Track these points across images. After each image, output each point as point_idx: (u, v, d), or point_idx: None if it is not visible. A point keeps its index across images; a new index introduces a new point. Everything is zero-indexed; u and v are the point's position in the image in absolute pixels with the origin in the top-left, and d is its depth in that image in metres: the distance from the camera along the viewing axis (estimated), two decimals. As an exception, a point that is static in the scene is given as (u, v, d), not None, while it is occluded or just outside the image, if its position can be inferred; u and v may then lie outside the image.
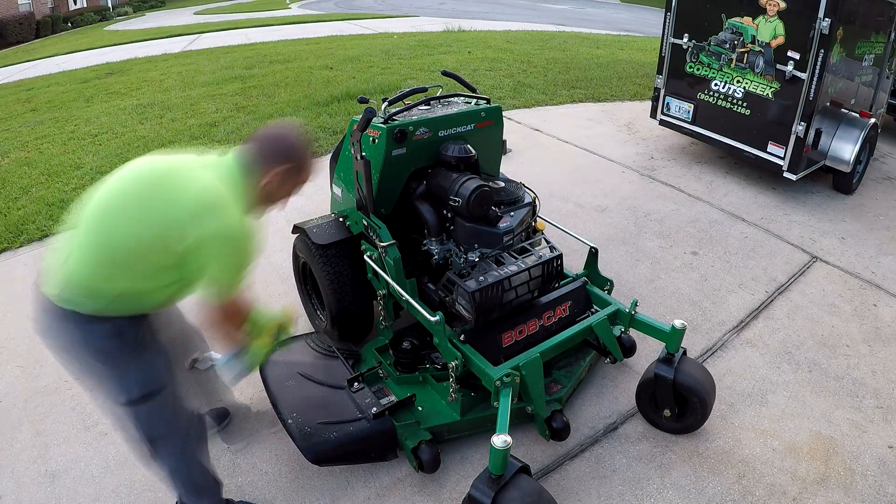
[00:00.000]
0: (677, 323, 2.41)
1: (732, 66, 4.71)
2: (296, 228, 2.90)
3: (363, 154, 2.57)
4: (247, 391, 2.79)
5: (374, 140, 2.55)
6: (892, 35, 5.01)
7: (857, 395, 2.82)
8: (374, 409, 2.31)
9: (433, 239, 2.59)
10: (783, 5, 4.26)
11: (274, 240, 4.06)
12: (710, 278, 3.70)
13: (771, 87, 4.51)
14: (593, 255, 2.83)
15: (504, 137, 2.99)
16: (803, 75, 4.26)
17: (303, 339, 2.89)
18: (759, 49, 4.49)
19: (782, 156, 4.56)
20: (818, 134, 4.47)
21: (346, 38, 12.70)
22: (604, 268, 2.97)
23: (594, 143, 5.76)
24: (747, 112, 4.72)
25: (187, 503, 2.04)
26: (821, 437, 2.58)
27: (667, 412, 2.52)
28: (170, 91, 8.33)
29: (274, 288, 3.54)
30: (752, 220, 4.44)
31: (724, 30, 4.69)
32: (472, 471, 2.37)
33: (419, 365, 2.59)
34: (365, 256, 2.65)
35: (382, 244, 2.50)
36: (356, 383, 2.48)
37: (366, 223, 2.67)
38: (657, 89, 5.41)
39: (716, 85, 4.90)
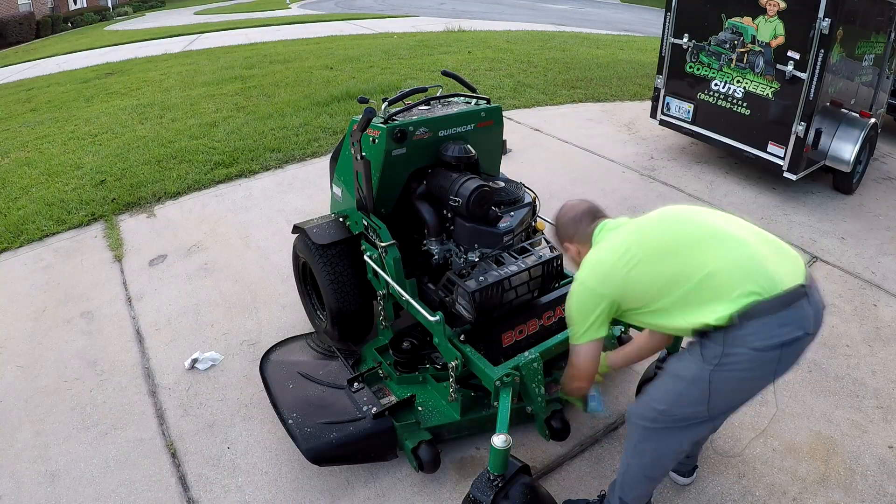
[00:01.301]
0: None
1: (732, 66, 4.71)
2: (296, 228, 2.90)
3: (363, 154, 2.57)
4: (247, 391, 2.79)
5: (374, 140, 2.55)
6: (892, 35, 5.00)
7: (857, 395, 2.82)
8: (375, 409, 2.31)
9: (433, 239, 2.59)
10: (783, 5, 4.26)
11: (274, 240, 4.07)
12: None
13: (771, 87, 4.51)
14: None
15: (504, 137, 2.99)
16: (803, 75, 4.26)
17: (303, 339, 2.89)
18: (759, 49, 4.48)
19: (782, 156, 4.56)
20: (818, 134, 4.46)
21: (346, 38, 12.70)
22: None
23: (594, 143, 5.75)
24: (747, 112, 4.72)
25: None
26: (821, 437, 2.58)
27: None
28: (170, 91, 8.33)
29: (274, 288, 3.54)
30: (752, 220, 4.42)
31: (724, 30, 4.69)
32: (472, 471, 2.37)
33: (419, 365, 2.59)
34: (365, 256, 2.65)
35: (382, 244, 2.50)
36: (356, 383, 2.48)
37: (366, 223, 2.67)
38: (657, 89, 5.41)
39: (716, 85, 4.90)
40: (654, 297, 1.65)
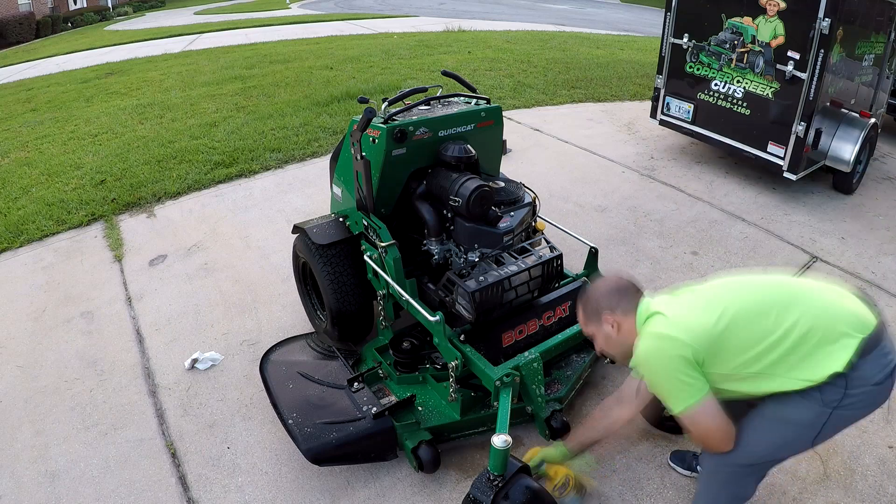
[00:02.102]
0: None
1: (732, 66, 4.71)
2: (296, 228, 2.90)
3: (363, 154, 2.57)
4: (247, 391, 2.80)
5: (374, 140, 2.55)
6: (892, 35, 5.00)
7: (857, 395, 2.82)
8: (374, 409, 2.31)
9: (433, 239, 2.59)
10: (783, 5, 4.26)
11: (274, 240, 4.07)
12: (711, 278, 3.69)
13: (771, 87, 4.51)
14: (593, 255, 2.83)
15: (504, 137, 2.99)
16: (803, 75, 4.26)
17: (303, 339, 2.89)
18: (759, 49, 4.48)
19: (782, 156, 4.56)
20: (818, 134, 4.46)
21: (346, 38, 12.70)
22: (604, 268, 2.97)
23: (594, 143, 5.76)
24: (747, 112, 4.72)
25: None
26: (821, 437, 2.58)
27: (667, 412, 2.52)
28: (170, 91, 8.33)
29: (274, 288, 3.54)
30: (752, 220, 4.43)
31: (724, 30, 4.69)
32: (472, 471, 2.37)
33: (419, 365, 2.59)
34: (365, 256, 2.65)
35: (382, 244, 2.50)
36: (356, 383, 2.48)
37: (366, 223, 2.67)
38: (657, 89, 5.41)
39: (716, 85, 4.90)
40: (748, 362, 1.59)
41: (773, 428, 1.65)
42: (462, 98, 2.94)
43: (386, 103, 2.63)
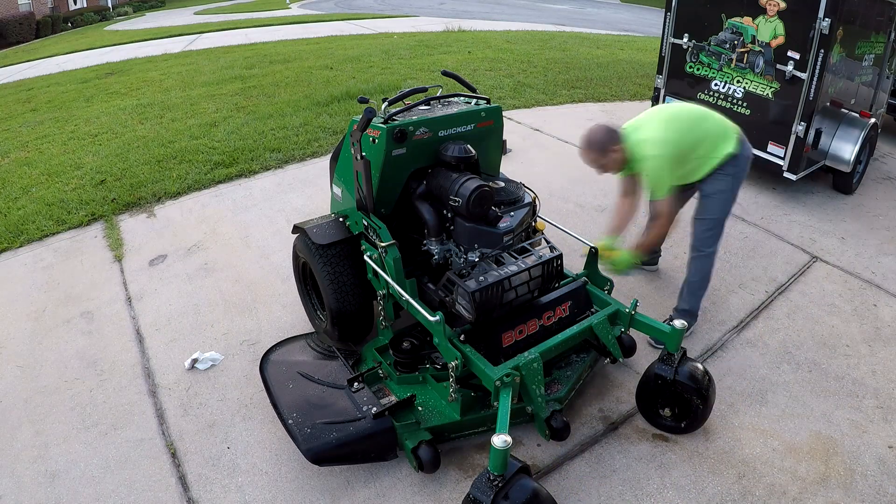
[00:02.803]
0: (677, 323, 2.41)
1: (732, 66, 4.71)
2: (296, 228, 2.90)
3: (363, 154, 2.57)
4: (247, 391, 2.80)
5: (374, 140, 2.55)
6: (892, 35, 5.00)
7: (857, 395, 2.82)
8: (374, 409, 2.31)
9: (433, 239, 2.59)
10: (783, 5, 4.26)
11: (274, 240, 4.07)
12: (710, 278, 3.69)
13: (771, 87, 4.51)
14: (593, 255, 2.83)
15: (504, 137, 2.99)
16: (803, 75, 4.26)
17: (303, 339, 2.89)
18: (759, 49, 4.48)
19: (782, 156, 4.56)
20: (818, 134, 4.46)
21: (346, 38, 12.70)
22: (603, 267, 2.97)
23: (594, 143, 5.74)
24: (747, 112, 4.72)
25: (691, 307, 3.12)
26: (821, 437, 2.58)
27: (667, 412, 2.52)
28: (170, 91, 8.33)
29: (274, 288, 3.55)
30: (752, 220, 4.43)
31: (724, 30, 4.69)
32: (472, 471, 2.37)
33: (419, 365, 2.59)
34: (365, 256, 2.65)
35: (382, 244, 2.50)
36: (356, 383, 2.48)
37: (366, 223, 2.67)
38: (657, 89, 5.41)
39: (716, 85, 4.90)
40: (692, 150, 2.80)
41: (717, 199, 2.93)
42: (462, 98, 2.94)
43: (386, 103, 2.63)
